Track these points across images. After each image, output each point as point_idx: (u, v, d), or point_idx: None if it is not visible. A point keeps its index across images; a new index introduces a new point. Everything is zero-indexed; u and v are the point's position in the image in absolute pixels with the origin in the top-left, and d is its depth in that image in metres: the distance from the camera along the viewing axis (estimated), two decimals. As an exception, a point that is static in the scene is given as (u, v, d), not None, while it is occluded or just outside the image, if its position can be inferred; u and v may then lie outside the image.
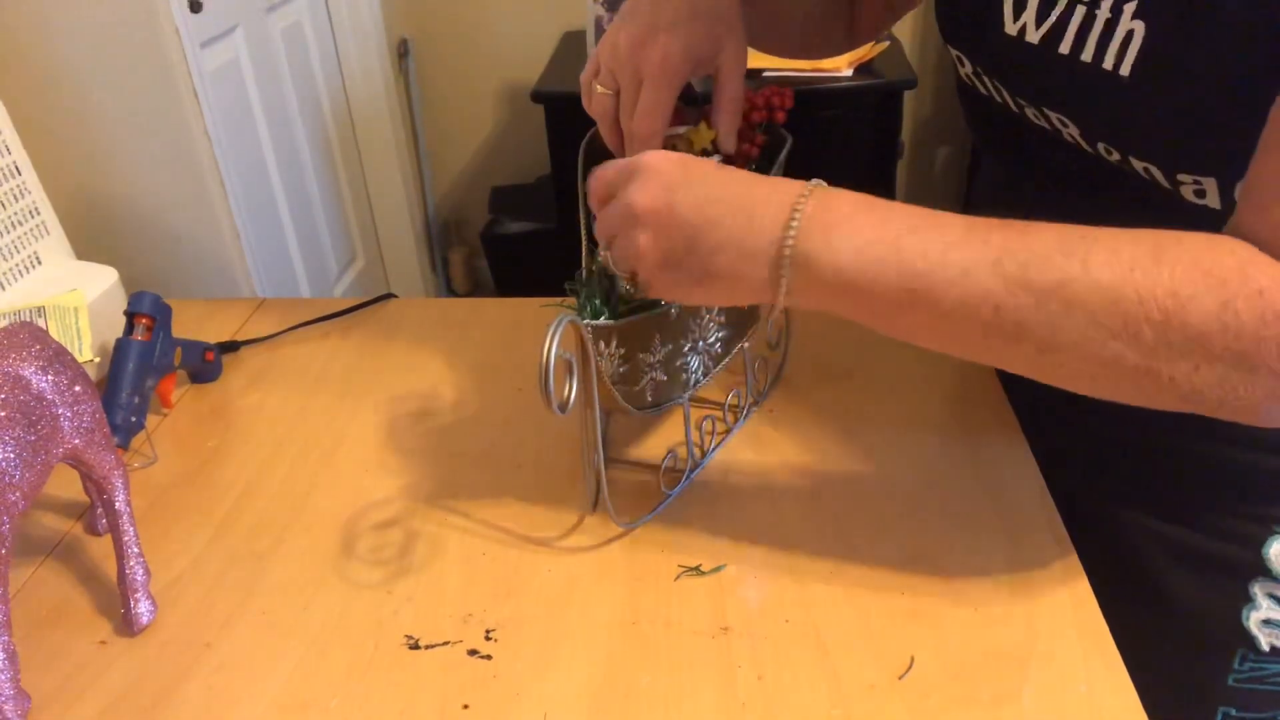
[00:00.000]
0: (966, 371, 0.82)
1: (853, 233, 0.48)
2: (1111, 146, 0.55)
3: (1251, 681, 0.66)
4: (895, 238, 0.48)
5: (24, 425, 0.54)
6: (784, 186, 0.51)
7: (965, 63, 0.64)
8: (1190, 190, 0.52)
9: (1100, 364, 0.46)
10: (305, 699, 0.56)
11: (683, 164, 0.52)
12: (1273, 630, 0.64)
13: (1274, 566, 0.63)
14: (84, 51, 1.39)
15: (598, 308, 0.61)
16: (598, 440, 0.63)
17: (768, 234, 0.49)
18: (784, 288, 0.50)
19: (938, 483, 0.70)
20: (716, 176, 0.52)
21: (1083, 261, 0.45)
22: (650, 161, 0.52)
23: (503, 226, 2.46)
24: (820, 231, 0.49)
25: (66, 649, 0.60)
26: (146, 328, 0.79)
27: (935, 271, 0.47)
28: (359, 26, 2.25)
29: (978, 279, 0.46)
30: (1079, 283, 0.45)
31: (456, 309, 0.97)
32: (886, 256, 0.48)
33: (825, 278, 0.49)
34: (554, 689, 0.56)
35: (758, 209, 0.50)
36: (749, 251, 0.50)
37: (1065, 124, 0.57)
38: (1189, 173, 0.51)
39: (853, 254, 0.48)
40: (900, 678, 0.55)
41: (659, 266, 0.52)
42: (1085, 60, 0.53)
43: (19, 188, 0.93)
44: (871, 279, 0.48)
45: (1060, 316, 0.45)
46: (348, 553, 0.67)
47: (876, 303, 0.49)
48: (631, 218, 0.52)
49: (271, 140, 1.88)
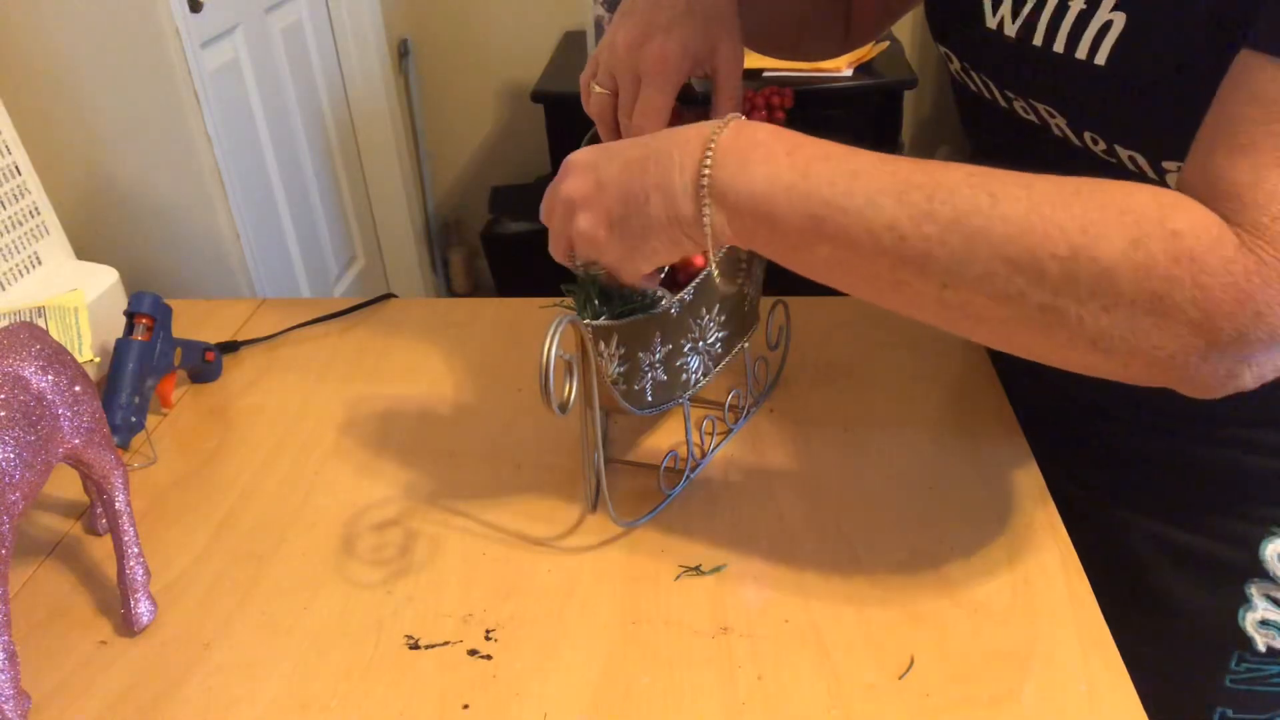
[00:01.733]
0: (966, 371, 0.82)
1: (766, 159, 0.49)
2: (1097, 135, 0.55)
3: (1248, 682, 0.66)
4: (805, 164, 0.48)
5: (24, 425, 0.54)
6: (701, 127, 0.51)
7: (954, 59, 0.65)
8: (1175, 180, 0.53)
9: (1006, 302, 0.45)
10: (305, 699, 0.56)
11: (603, 148, 0.54)
12: (1269, 631, 0.64)
13: (1270, 568, 0.63)
14: (84, 51, 1.39)
15: (597, 308, 0.61)
16: (598, 440, 0.63)
17: (689, 170, 0.50)
18: (708, 222, 0.50)
19: (938, 483, 0.70)
20: (636, 141, 0.53)
21: (991, 195, 0.44)
22: (572, 157, 0.55)
23: (503, 226, 2.46)
24: (735, 159, 0.49)
25: (66, 649, 0.60)
26: (146, 328, 0.79)
27: (840, 199, 0.47)
28: (359, 26, 2.25)
29: (882, 207, 0.46)
30: (984, 214, 0.44)
31: (456, 309, 0.97)
32: (796, 183, 0.48)
33: (741, 206, 0.49)
34: (554, 689, 0.56)
35: (676, 150, 0.51)
36: (674, 191, 0.50)
37: (1052, 115, 0.57)
38: (1174, 159, 0.51)
39: (764, 181, 0.48)
40: (900, 678, 0.55)
41: (608, 241, 0.53)
42: (1058, 52, 0.53)
43: (19, 188, 0.93)
44: (782, 207, 0.48)
45: (963, 249, 0.44)
46: (348, 553, 0.67)
47: (789, 232, 0.49)
48: (569, 206, 0.54)
49: (271, 140, 1.88)
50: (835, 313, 0.90)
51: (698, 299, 0.65)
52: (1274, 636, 0.64)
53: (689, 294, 0.63)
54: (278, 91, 1.94)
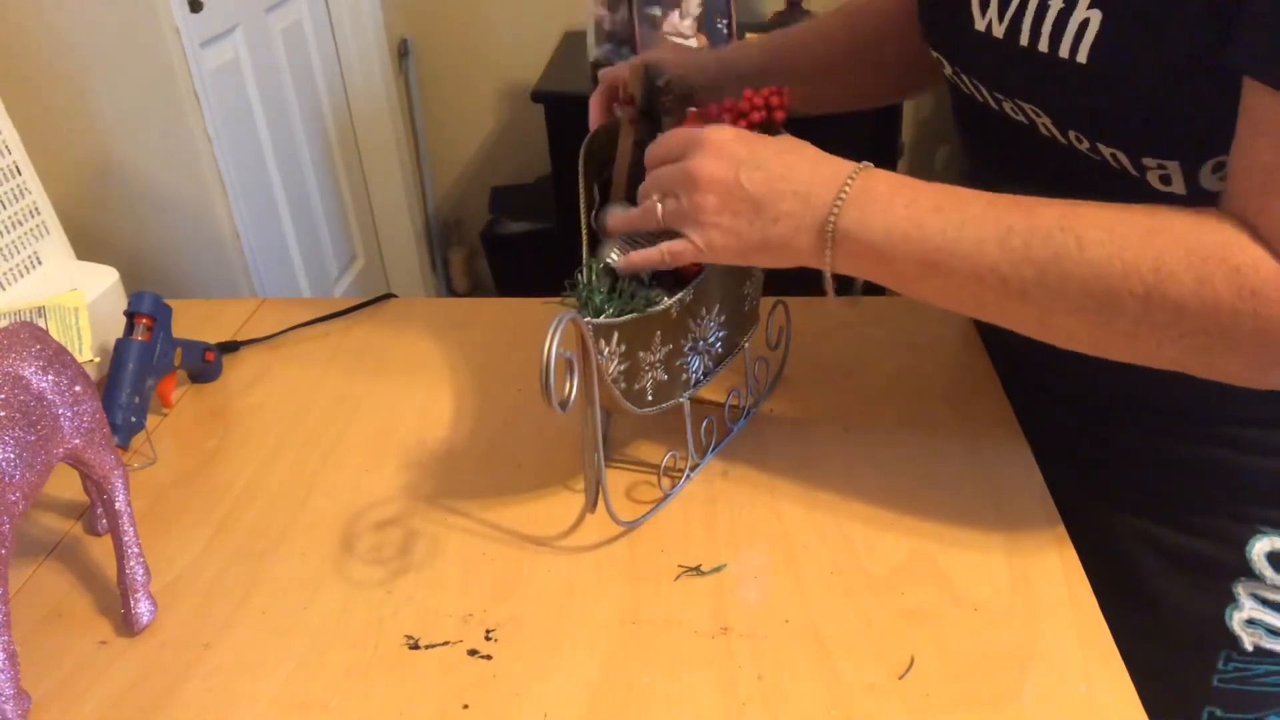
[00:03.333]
0: (966, 371, 0.82)
1: (885, 211, 0.55)
2: (1081, 134, 0.56)
3: (1236, 682, 0.66)
4: (920, 216, 0.55)
5: (24, 425, 0.54)
6: (836, 168, 0.58)
7: (945, 64, 0.65)
8: (1156, 176, 0.54)
9: (1095, 328, 0.52)
10: (305, 699, 0.56)
11: (747, 142, 0.59)
12: (1256, 630, 0.64)
13: (1257, 567, 0.63)
14: (84, 51, 1.39)
15: (598, 306, 0.61)
16: (598, 440, 0.63)
17: (819, 212, 0.57)
18: (827, 257, 0.57)
19: (938, 483, 0.70)
20: (779, 159, 0.58)
21: (1078, 240, 0.50)
22: (717, 136, 0.59)
23: (503, 226, 2.46)
24: (858, 211, 0.56)
25: (66, 649, 0.60)
26: (146, 328, 0.79)
27: (950, 246, 0.54)
28: (359, 26, 2.25)
29: (986, 253, 0.53)
30: (1073, 259, 0.50)
31: (456, 309, 0.97)
32: (910, 233, 0.55)
33: (859, 250, 0.56)
34: (554, 689, 0.56)
35: (813, 190, 0.57)
36: (802, 226, 0.57)
37: (1038, 114, 0.58)
38: (1153, 156, 0.53)
39: (883, 231, 0.55)
40: (900, 678, 0.55)
41: (717, 229, 0.58)
42: (1043, 50, 0.55)
43: (19, 188, 0.93)
44: (898, 253, 0.55)
45: (1056, 287, 0.51)
46: (348, 552, 0.67)
47: (902, 271, 0.56)
48: (693, 182, 0.58)
49: (271, 140, 1.88)
50: (835, 313, 0.90)
51: (698, 299, 0.65)
52: (1261, 636, 0.64)
53: (689, 294, 0.63)
54: (278, 91, 1.94)
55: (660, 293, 0.63)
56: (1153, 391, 0.65)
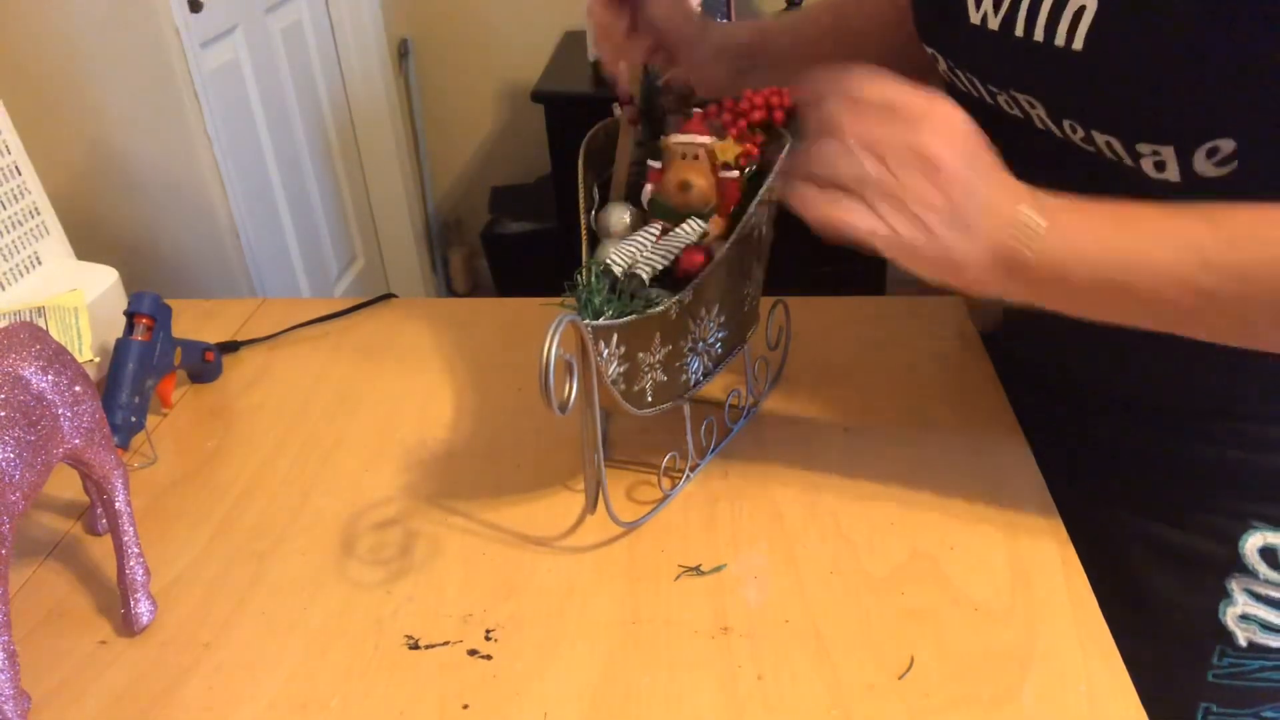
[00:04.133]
0: (966, 371, 0.82)
1: (1076, 232, 0.51)
2: (1076, 123, 0.56)
3: (1231, 678, 0.66)
4: (1104, 235, 0.51)
5: (24, 425, 0.54)
6: (1014, 193, 0.52)
7: (940, 60, 0.66)
8: (1150, 164, 0.54)
9: None
10: (305, 699, 0.56)
11: (973, 140, 0.52)
12: (1250, 626, 0.64)
13: (1250, 562, 0.63)
14: (84, 52, 1.39)
15: (598, 308, 0.61)
16: (598, 440, 0.63)
17: (1001, 233, 0.52)
18: (998, 287, 0.53)
19: (938, 483, 0.70)
20: (985, 176, 0.53)
21: (1263, 243, 0.49)
22: (954, 117, 0.52)
23: (503, 226, 2.46)
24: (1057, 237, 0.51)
25: (66, 649, 0.60)
26: (146, 328, 0.79)
27: (1143, 263, 0.50)
28: (359, 26, 2.25)
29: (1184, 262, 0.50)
30: (1265, 265, 0.48)
31: (456, 309, 0.97)
32: (1098, 255, 0.51)
33: (1042, 276, 0.52)
34: (554, 689, 0.56)
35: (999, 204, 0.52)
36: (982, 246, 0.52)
37: (1033, 105, 0.58)
38: (1148, 142, 0.53)
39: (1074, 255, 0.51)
40: (900, 678, 0.55)
41: (915, 222, 0.51)
42: (1038, 40, 0.55)
43: (19, 188, 0.93)
44: (1082, 275, 0.51)
45: (1247, 292, 0.49)
46: (348, 553, 0.67)
47: (1086, 294, 0.52)
48: (919, 159, 0.51)
49: (271, 140, 1.88)
50: (835, 313, 0.90)
51: (697, 300, 0.64)
52: (1255, 631, 0.64)
53: (688, 295, 0.63)
54: (278, 91, 1.94)
55: (659, 294, 0.63)
56: (1150, 386, 0.65)
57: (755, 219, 0.66)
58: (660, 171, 0.67)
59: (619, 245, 0.64)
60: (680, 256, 0.64)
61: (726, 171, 0.66)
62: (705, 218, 0.66)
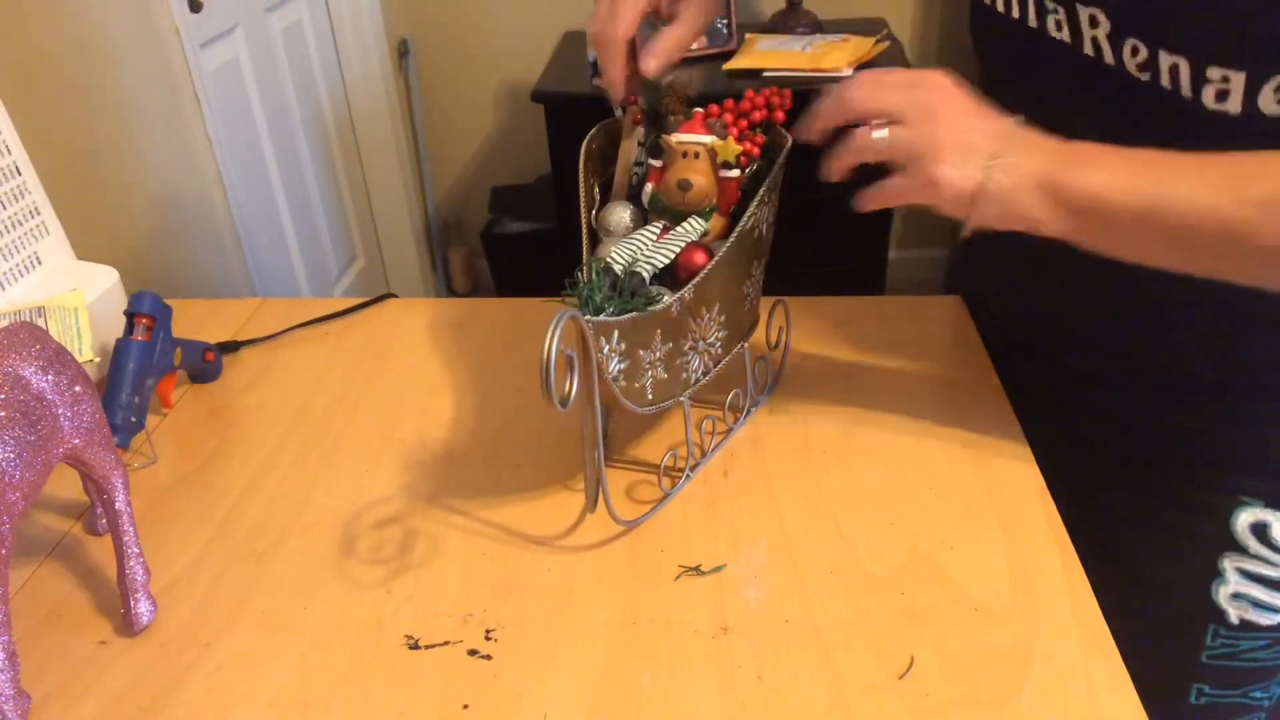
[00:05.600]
0: (967, 371, 0.82)
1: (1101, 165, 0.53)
2: (1140, 40, 0.54)
3: (1223, 658, 0.66)
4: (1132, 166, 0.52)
5: (24, 425, 0.54)
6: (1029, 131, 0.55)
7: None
8: (1214, 92, 0.52)
9: None
10: (305, 699, 0.56)
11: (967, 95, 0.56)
12: (1242, 604, 0.64)
13: (1242, 539, 0.63)
14: (84, 51, 1.39)
15: (598, 305, 0.61)
16: (598, 438, 0.63)
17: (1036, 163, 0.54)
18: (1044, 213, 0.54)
19: (938, 483, 0.70)
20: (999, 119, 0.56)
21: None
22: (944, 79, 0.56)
23: (503, 226, 2.46)
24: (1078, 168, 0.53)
25: (66, 649, 0.60)
26: (146, 328, 0.79)
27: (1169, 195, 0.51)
28: (359, 26, 2.25)
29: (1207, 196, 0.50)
30: None
31: (456, 309, 0.97)
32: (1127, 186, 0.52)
33: (1079, 206, 0.53)
34: (554, 689, 0.56)
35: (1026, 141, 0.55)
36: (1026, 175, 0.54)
37: (1096, 22, 0.57)
38: (1220, 66, 0.51)
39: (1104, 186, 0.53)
40: (900, 678, 0.55)
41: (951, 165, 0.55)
42: None
43: (19, 188, 0.93)
44: (1115, 204, 0.52)
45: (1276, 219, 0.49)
46: (348, 552, 0.67)
47: (1118, 226, 0.53)
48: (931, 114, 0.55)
49: (271, 140, 1.88)
50: (835, 313, 0.90)
51: (698, 298, 0.65)
52: (1246, 609, 0.64)
53: (689, 293, 0.63)
54: (278, 91, 1.94)
55: (660, 291, 0.63)
56: (1141, 360, 0.64)
57: (755, 219, 0.67)
58: (661, 171, 0.67)
59: (620, 244, 0.64)
60: (681, 255, 0.64)
61: (727, 171, 0.66)
62: (706, 217, 0.66)
